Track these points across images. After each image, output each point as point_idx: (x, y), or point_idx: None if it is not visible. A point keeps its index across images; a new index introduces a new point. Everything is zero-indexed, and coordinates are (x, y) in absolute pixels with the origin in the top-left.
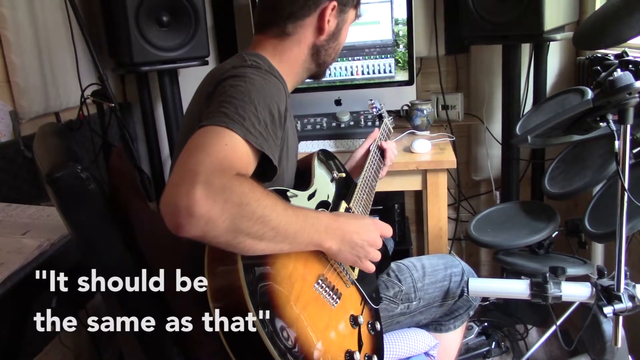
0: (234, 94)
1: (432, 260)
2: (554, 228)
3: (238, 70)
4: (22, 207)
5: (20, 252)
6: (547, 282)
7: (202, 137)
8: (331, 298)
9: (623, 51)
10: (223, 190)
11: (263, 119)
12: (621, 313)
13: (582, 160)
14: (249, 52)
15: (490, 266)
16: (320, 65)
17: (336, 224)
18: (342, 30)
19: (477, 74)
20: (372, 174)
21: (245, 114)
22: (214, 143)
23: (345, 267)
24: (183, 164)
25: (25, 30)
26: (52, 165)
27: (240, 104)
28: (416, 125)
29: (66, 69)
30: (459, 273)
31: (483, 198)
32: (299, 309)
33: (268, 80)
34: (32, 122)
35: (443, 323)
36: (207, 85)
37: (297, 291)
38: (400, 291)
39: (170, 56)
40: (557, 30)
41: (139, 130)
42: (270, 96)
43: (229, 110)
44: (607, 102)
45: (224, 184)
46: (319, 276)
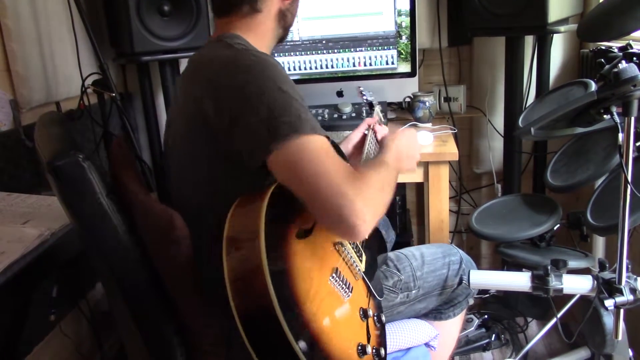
0: (271, 99)
1: (430, 249)
2: (556, 221)
3: (237, 62)
4: (22, 197)
5: (21, 241)
6: (549, 274)
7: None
8: (344, 291)
9: (627, 43)
10: (367, 190)
11: (301, 99)
12: (622, 306)
13: (584, 153)
14: (228, 35)
15: (491, 259)
16: (286, 29)
17: (397, 150)
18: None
19: (480, 66)
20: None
21: (293, 109)
22: (314, 155)
23: (354, 258)
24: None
25: (26, 18)
26: (53, 153)
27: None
28: (418, 117)
29: (67, 58)
30: (457, 261)
31: (485, 191)
32: (317, 304)
33: (267, 59)
34: (33, 111)
35: (442, 311)
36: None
37: (315, 286)
38: (399, 280)
39: (172, 46)
40: (561, 22)
41: (140, 120)
42: (285, 77)
43: (284, 118)
44: (611, 94)
45: (362, 184)
46: (333, 270)
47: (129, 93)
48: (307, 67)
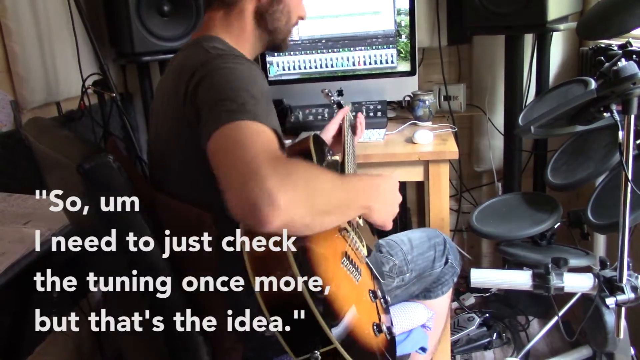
0: (220, 93)
1: (415, 234)
2: (557, 219)
3: (208, 66)
4: (23, 197)
5: (22, 242)
6: (550, 273)
7: (225, 140)
8: (355, 274)
9: (627, 41)
10: (289, 175)
11: (257, 97)
12: (623, 304)
13: (585, 151)
14: (204, 37)
15: (492, 257)
16: (272, 33)
17: (376, 185)
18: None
19: (480, 65)
20: (352, 157)
21: (242, 100)
22: (243, 138)
23: (358, 244)
24: (234, 168)
25: (26, 19)
26: (82, 155)
27: (232, 94)
28: (418, 116)
29: (67, 58)
30: (441, 242)
31: (485, 189)
32: (334, 286)
33: (241, 64)
34: (33, 112)
35: (432, 290)
36: (177, 83)
37: (331, 269)
38: (394, 265)
39: (172, 46)
40: (561, 20)
41: (140, 120)
42: (252, 78)
43: (227, 106)
44: (611, 92)
45: (286, 169)
46: (343, 253)
47: (129, 93)
48: (307, 67)
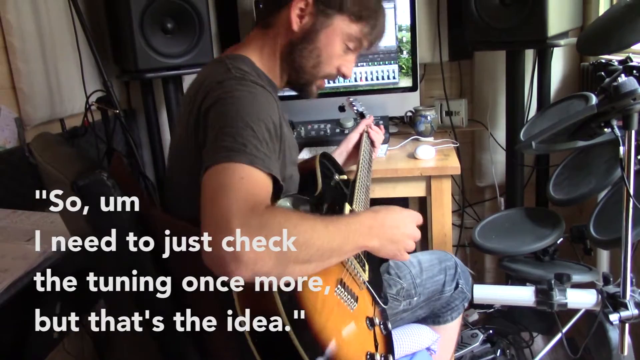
0: (226, 123)
1: (426, 256)
2: (559, 235)
3: (223, 87)
4: (26, 214)
5: (25, 258)
6: (553, 289)
7: (215, 179)
8: (350, 302)
9: (627, 57)
10: (261, 229)
11: (262, 137)
12: (627, 320)
13: (586, 166)
14: (232, 56)
15: (495, 273)
16: (297, 71)
17: (378, 222)
18: (319, 33)
19: (481, 80)
20: (366, 173)
21: (244, 140)
22: (229, 182)
23: (358, 269)
24: (211, 214)
25: (31, 37)
26: (77, 172)
27: (237, 130)
28: (420, 132)
29: (71, 75)
30: (452, 266)
31: (487, 204)
32: (325, 316)
33: (255, 94)
34: (37, 129)
35: (441, 315)
36: (194, 98)
37: (321, 298)
38: (402, 288)
39: (175, 63)
40: (561, 35)
41: (144, 136)
42: (262, 111)
43: (228, 142)
44: (612, 107)
45: (259, 222)
46: (338, 281)
47: (133, 110)
48: None
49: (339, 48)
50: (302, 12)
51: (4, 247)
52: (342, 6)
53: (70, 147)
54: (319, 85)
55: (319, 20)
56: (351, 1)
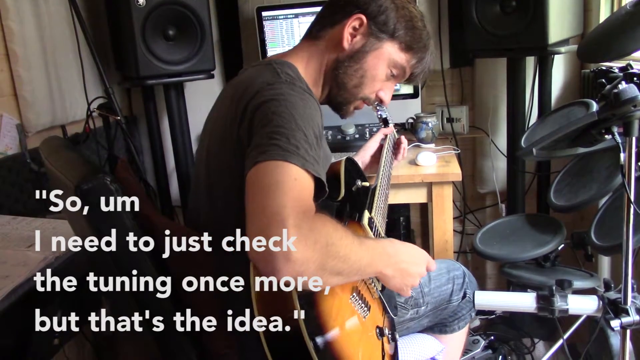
0: (280, 123)
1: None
2: (560, 241)
3: (274, 89)
4: (27, 220)
5: (25, 265)
6: (554, 295)
7: (268, 175)
8: (363, 310)
9: (627, 64)
10: (312, 232)
11: (311, 142)
12: (629, 326)
13: (587, 172)
14: (279, 61)
15: (496, 279)
16: (338, 87)
17: (395, 252)
18: (367, 54)
19: (482, 87)
20: (386, 181)
21: (297, 142)
22: (284, 181)
23: (373, 278)
24: (263, 208)
25: (33, 44)
26: (81, 176)
27: (290, 132)
28: (421, 138)
29: (73, 82)
30: (460, 275)
31: (489, 211)
32: (339, 323)
33: (305, 100)
34: (39, 135)
35: (447, 324)
36: (239, 97)
37: (337, 305)
38: (410, 297)
39: (176, 70)
40: (562, 43)
41: (145, 143)
42: (311, 118)
43: (282, 142)
44: (612, 114)
45: (311, 226)
46: (354, 289)
47: (134, 116)
48: None
49: (383, 73)
50: (355, 31)
51: (5, 253)
52: (395, 32)
53: (76, 152)
54: (357, 107)
55: (370, 41)
56: (404, 30)
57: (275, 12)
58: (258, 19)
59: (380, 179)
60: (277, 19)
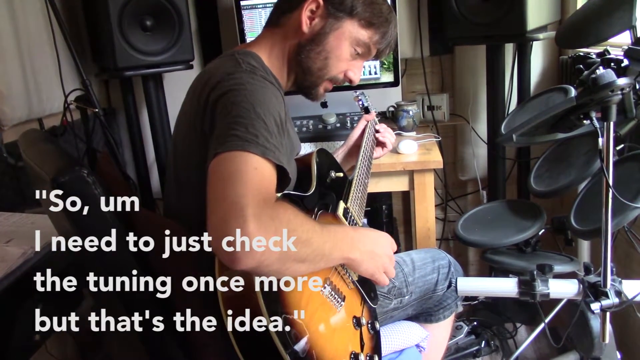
0: (239, 112)
1: (419, 255)
2: (541, 226)
3: (234, 78)
4: (5, 215)
5: (4, 260)
6: (535, 280)
7: (228, 165)
8: (336, 301)
9: (605, 49)
10: (272, 221)
11: (272, 130)
12: (608, 309)
13: (566, 158)
14: (242, 51)
15: (478, 265)
16: (304, 72)
17: (358, 236)
18: (328, 35)
19: (462, 75)
20: (365, 171)
21: (257, 131)
22: (243, 170)
23: (348, 269)
24: (223, 198)
25: (7, 36)
26: (57, 169)
27: (249, 121)
28: (402, 127)
29: (49, 74)
30: (446, 265)
31: (470, 198)
32: (309, 314)
33: (266, 88)
34: (15, 129)
35: (433, 314)
36: (201, 89)
37: (306, 296)
38: (393, 287)
39: (155, 60)
40: (540, 29)
41: (124, 135)
42: (272, 105)
43: (241, 131)
44: (590, 99)
45: (271, 214)
46: (325, 280)
47: (113, 108)
48: None
49: (347, 52)
50: (313, 14)
51: None
52: (353, 10)
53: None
54: (326, 88)
55: (329, 22)
56: (362, 6)
57: (254, 1)
58: (237, 8)
59: (358, 168)
60: (256, 8)
